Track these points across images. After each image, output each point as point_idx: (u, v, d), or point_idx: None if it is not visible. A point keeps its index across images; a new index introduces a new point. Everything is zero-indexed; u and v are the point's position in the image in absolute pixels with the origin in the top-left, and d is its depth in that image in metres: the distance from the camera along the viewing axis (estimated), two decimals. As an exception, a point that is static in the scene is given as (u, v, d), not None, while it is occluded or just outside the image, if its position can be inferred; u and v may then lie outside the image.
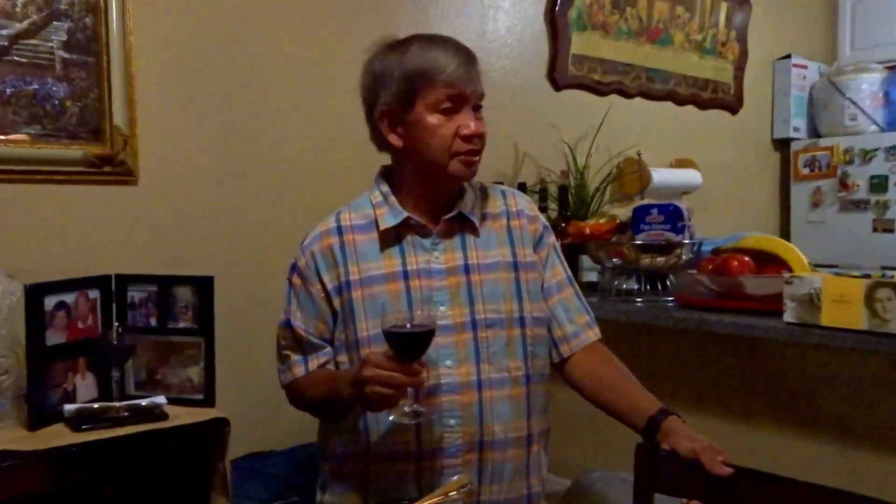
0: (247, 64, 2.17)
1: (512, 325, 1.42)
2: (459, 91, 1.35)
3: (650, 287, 2.24)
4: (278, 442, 2.08)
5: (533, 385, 1.44)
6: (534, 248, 1.49)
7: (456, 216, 1.44)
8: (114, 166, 1.93)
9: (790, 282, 1.74)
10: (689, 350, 2.08)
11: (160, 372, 1.71)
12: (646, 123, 3.21)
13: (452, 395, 1.37)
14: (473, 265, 1.43)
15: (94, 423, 1.52)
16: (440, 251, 1.43)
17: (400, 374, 1.21)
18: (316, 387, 1.44)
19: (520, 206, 1.52)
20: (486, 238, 1.46)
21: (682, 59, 3.36)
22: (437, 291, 1.40)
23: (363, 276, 1.41)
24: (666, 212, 2.13)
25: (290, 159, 2.25)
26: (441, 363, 1.37)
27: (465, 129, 1.36)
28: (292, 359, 1.47)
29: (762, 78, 3.72)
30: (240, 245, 2.15)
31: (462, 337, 1.39)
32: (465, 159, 1.38)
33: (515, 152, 2.84)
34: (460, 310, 1.40)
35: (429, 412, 1.32)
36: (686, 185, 3.18)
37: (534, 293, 1.46)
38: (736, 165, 3.60)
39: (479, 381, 1.39)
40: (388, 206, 1.44)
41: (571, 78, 2.96)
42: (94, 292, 1.67)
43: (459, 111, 1.36)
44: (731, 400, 1.98)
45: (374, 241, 1.43)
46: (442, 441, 1.37)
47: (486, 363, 1.40)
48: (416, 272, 1.41)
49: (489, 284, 1.42)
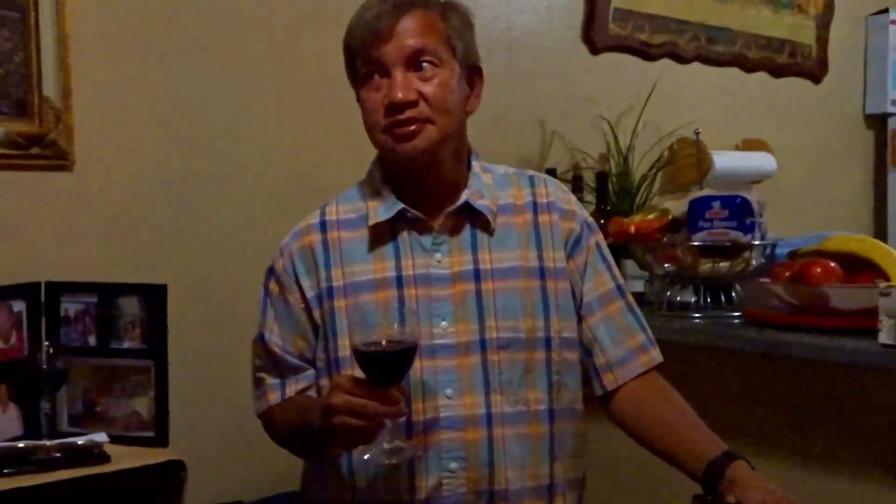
0: (210, 25, 2.19)
1: (534, 346, 1.42)
2: (375, 57, 1.37)
3: (711, 299, 2.24)
4: (248, 491, 2.09)
5: (559, 422, 1.43)
6: (569, 253, 1.48)
7: (463, 208, 1.43)
8: (43, 148, 1.95)
9: (887, 293, 1.73)
10: (758, 378, 2.08)
11: (101, 403, 1.72)
12: (705, 95, 3.21)
13: (453, 433, 1.37)
14: (485, 270, 1.42)
15: (19, 467, 1.52)
16: (443, 252, 1.43)
17: (373, 403, 1.21)
18: (287, 418, 1.45)
19: (551, 196, 1.50)
20: (502, 236, 1.45)
21: (752, 14, 3.35)
22: (437, 303, 1.40)
23: (348, 281, 1.42)
24: (731, 206, 2.13)
25: (262, 143, 2.27)
26: (440, 392, 1.37)
27: (386, 99, 1.37)
28: (267, 383, 1.48)
29: (852, 38, 3.72)
30: (199, 247, 2.16)
31: (467, 360, 1.39)
32: (394, 132, 1.37)
33: (542, 131, 2.84)
34: (466, 326, 1.40)
35: (414, 448, 1.32)
36: (756, 173, 3.18)
37: (564, 307, 1.46)
38: (819, 148, 3.60)
39: (489, 415, 1.38)
40: (381, 197, 1.44)
41: (613, 39, 2.97)
42: (18, 304, 1.68)
43: (388, 77, 1.37)
44: (811, 440, 1.98)
45: (364, 239, 1.44)
46: (440, 490, 1.37)
47: (499, 393, 1.39)
48: (413, 278, 1.41)
49: (505, 295, 1.42)
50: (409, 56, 1.37)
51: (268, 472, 2.01)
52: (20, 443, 1.58)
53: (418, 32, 1.37)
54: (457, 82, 1.41)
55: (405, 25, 1.37)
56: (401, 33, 1.37)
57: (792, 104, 3.52)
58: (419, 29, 1.37)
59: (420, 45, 1.37)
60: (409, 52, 1.37)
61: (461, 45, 1.42)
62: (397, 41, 1.36)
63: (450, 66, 1.40)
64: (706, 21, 3.21)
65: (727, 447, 1.35)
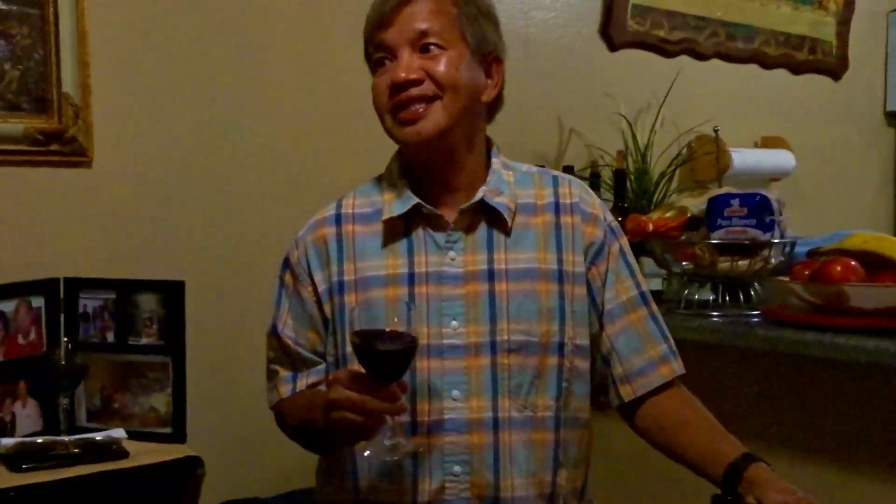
0: (229, 22, 2.19)
1: (546, 351, 1.40)
2: (381, 40, 1.37)
3: (730, 298, 2.23)
4: (264, 488, 2.10)
5: (565, 430, 1.42)
6: (591, 260, 1.46)
7: (479, 205, 1.41)
8: (63, 144, 1.95)
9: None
10: (778, 378, 2.07)
11: (118, 399, 1.73)
12: (724, 92, 3.19)
13: (458, 435, 1.36)
14: (500, 270, 1.40)
15: (38, 463, 1.53)
16: (457, 250, 1.41)
17: (372, 399, 1.20)
18: (295, 412, 1.45)
19: (575, 198, 1.47)
20: (519, 236, 1.43)
21: (772, 10, 3.34)
22: (448, 302, 1.39)
23: (359, 276, 1.41)
24: (750, 203, 2.11)
25: (280, 141, 2.27)
26: (446, 394, 1.36)
27: (389, 80, 1.36)
28: (280, 375, 1.48)
29: (873, 34, 3.70)
30: (216, 243, 2.17)
31: (476, 362, 1.37)
32: (398, 116, 1.37)
33: (559, 128, 2.84)
34: (477, 327, 1.38)
35: (415, 445, 1.32)
36: (776, 171, 3.17)
37: (579, 314, 1.44)
38: (839, 145, 3.58)
39: (496, 419, 1.37)
40: (397, 191, 1.43)
41: (631, 35, 2.96)
42: (38, 300, 1.69)
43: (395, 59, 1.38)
44: (832, 441, 1.97)
45: (378, 233, 1.43)
46: (444, 493, 1.36)
47: (507, 397, 1.37)
48: (425, 276, 1.40)
49: (518, 297, 1.40)
50: (413, 38, 1.36)
51: (284, 469, 2.01)
52: (39, 438, 1.59)
53: (425, 16, 1.37)
54: (466, 64, 1.38)
55: (412, 9, 1.36)
56: (406, 16, 1.36)
57: (812, 101, 3.50)
58: (426, 13, 1.37)
59: (425, 27, 1.36)
60: (413, 34, 1.36)
61: (472, 31, 1.40)
62: (402, 23, 1.36)
63: (458, 49, 1.38)
64: (725, 17, 3.20)
65: (746, 449, 1.34)
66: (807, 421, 2.01)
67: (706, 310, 2.20)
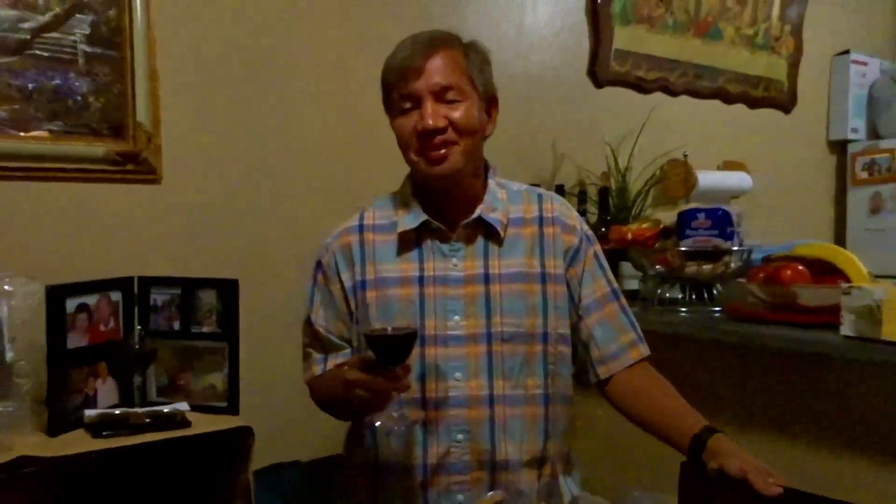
0: (272, 61, 2.20)
1: (533, 340, 1.43)
2: (409, 91, 1.38)
3: (696, 296, 2.23)
4: (303, 453, 2.11)
5: (553, 406, 1.44)
6: (569, 262, 1.48)
7: (477, 220, 1.44)
8: (137, 164, 1.97)
9: (848, 292, 1.72)
10: (737, 365, 2.06)
11: (182, 378, 1.74)
12: (692, 123, 3.19)
13: (460, 409, 1.39)
14: (494, 274, 1.43)
15: (115, 430, 1.54)
16: (459, 258, 1.44)
17: (380, 379, 1.22)
18: (323, 387, 1.48)
19: (556, 212, 1.50)
20: (510, 245, 1.45)
21: (733, 54, 3.33)
22: (452, 300, 1.41)
23: (378, 277, 1.44)
24: (714, 217, 2.11)
25: (317, 158, 2.28)
26: (450, 376, 1.39)
27: (418, 125, 1.37)
28: (313, 357, 1.51)
29: (818, 75, 3.68)
30: (265, 247, 2.18)
31: (475, 349, 1.40)
32: (426, 155, 1.38)
33: (553, 153, 2.84)
34: (475, 321, 1.41)
35: (417, 416, 1.36)
36: (735, 189, 3.16)
37: (561, 308, 1.46)
38: (789, 168, 3.57)
39: (491, 396, 1.40)
40: (410, 208, 1.45)
41: (613, 74, 2.96)
42: (116, 294, 1.70)
43: (419, 107, 1.38)
44: (782, 419, 1.96)
45: (394, 242, 1.45)
46: (448, 456, 1.39)
47: (501, 378, 1.40)
48: (433, 279, 1.42)
49: (509, 296, 1.42)
50: (437, 90, 1.37)
51: (319, 437, 2.02)
52: (116, 410, 1.60)
53: (445, 70, 1.38)
54: (477, 111, 1.41)
55: (434, 64, 1.37)
56: (430, 71, 1.37)
57: (766, 131, 3.49)
58: (446, 67, 1.38)
59: (447, 81, 1.38)
60: (437, 87, 1.37)
61: (481, 79, 1.42)
62: (427, 78, 1.37)
63: (472, 98, 1.40)
64: (693, 60, 3.20)
65: (709, 423, 1.34)
66: (760, 400, 2.01)
67: (676, 306, 2.20)
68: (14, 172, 1.82)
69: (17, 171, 1.83)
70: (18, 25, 1.82)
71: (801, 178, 3.65)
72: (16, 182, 1.83)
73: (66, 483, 1.45)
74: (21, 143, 1.82)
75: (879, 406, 1.81)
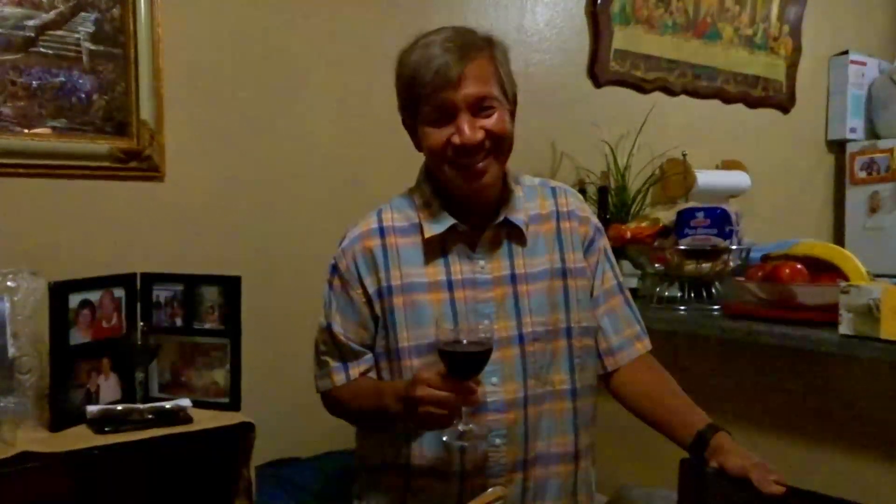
0: (277, 58, 2.19)
1: (557, 336, 1.40)
2: (442, 102, 1.31)
3: (694, 295, 2.22)
4: (304, 449, 2.09)
5: (580, 399, 1.42)
6: (584, 253, 1.47)
7: (501, 223, 1.41)
8: (140, 161, 1.96)
9: (847, 291, 1.71)
10: (735, 362, 2.06)
11: (185, 374, 1.73)
12: (691, 123, 3.18)
13: (498, 415, 1.36)
14: (520, 275, 1.40)
15: (118, 426, 1.53)
16: (486, 260, 1.40)
17: (454, 395, 1.19)
18: (360, 399, 1.42)
19: (571, 206, 1.49)
20: (533, 244, 1.43)
21: (731, 54, 3.32)
22: (482, 303, 1.38)
23: (405, 282, 1.39)
24: (713, 216, 2.11)
25: (321, 156, 2.27)
26: (486, 381, 1.33)
27: (454, 139, 1.32)
28: (331, 365, 1.45)
29: (817, 75, 3.68)
30: (267, 244, 2.17)
31: (509, 353, 1.37)
32: (464, 170, 1.34)
33: (553, 152, 2.83)
34: (506, 323, 1.38)
35: (482, 432, 1.31)
36: (734, 189, 3.15)
37: (583, 301, 1.44)
38: (787, 168, 3.56)
39: (526, 397, 1.37)
40: (433, 211, 1.41)
41: (613, 74, 2.95)
42: (119, 291, 1.69)
43: (455, 118, 1.32)
44: (781, 416, 1.96)
45: (418, 245, 1.40)
46: (486, 461, 1.36)
47: (532, 379, 1.38)
48: (461, 283, 1.39)
49: (536, 295, 1.40)
50: (473, 102, 1.32)
51: (320, 434, 2.01)
52: (119, 406, 1.60)
53: (480, 80, 1.32)
54: (509, 118, 1.38)
55: (470, 74, 1.31)
56: (466, 81, 1.31)
57: (765, 131, 3.48)
58: (481, 77, 1.32)
59: (483, 92, 1.33)
60: (473, 99, 1.32)
61: (509, 82, 1.38)
62: (464, 89, 1.31)
63: (504, 105, 1.36)
64: (692, 60, 3.19)
65: (710, 420, 1.34)
66: (759, 398, 2.00)
67: (675, 304, 2.19)
68: (18, 169, 1.81)
69: (20, 168, 1.82)
70: (23, 23, 1.81)
71: (799, 177, 3.65)
72: (19, 179, 1.82)
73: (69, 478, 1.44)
74: (25, 140, 1.81)
75: (878, 403, 1.81)
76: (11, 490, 1.36)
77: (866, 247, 3.46)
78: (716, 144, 3.27)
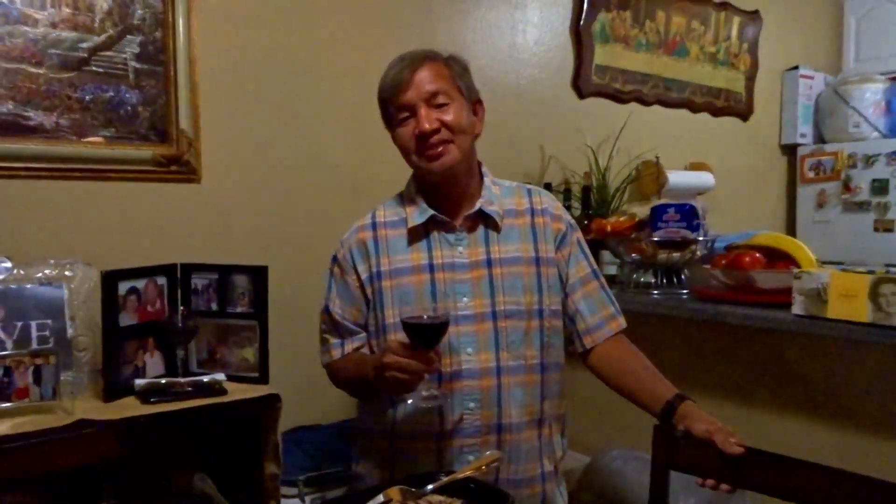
0: (299, 73, 2.18)
1: (531, 316, 1.41)
2: (403, 102, 1.37)
3: (666, 280, 2.22)
4: (322, 417, 2.10)
5: (547, 374, 1.43)
6: (556, 247, 1.47)
7: (478, 212, 1.42)
8: (179, 166, 1.95)
9: (799, 277, 1.71)
10: (702, 339, 2.06)
11: (220, 351, 1.72)
12: (663, 129, 3.17)
13: (472, 381, 1.37)
14: (495, 259, 1.41)
15: (162, 397, 1.53)
16: (464, 246, 1.42)
17: (415, 362, 1.21)
18: (348, 369, 1.45)
19: (545, 204, 1.49)
20: (507, 233, 1.43)
21: (697, 69, 3.31)
22: (460, 284, 1.39)
23: (392, 267, 1.41)
24: (682, 211, 2.10)
25: (337, 161, 2.26)
26: (462, 350, 1.36)
27: (415, 129, 1.36)
28: (331, 342, 1.49)
29: (771, 87, 3.66)
30: (291, 238, 2.16)
31: (483, 326, 1.38)
32: (426, 154, 1.37)
33: (542, 155, 2.82)
34: (481, 301, 1.39)
35: (444, 396, 1.32)
36: (700, 187, 3.15)
37: (553, 287, 1.44)
38: (747, 169, 3.55)
39: (499, 367, 1.38)
40: (416, 205, 1.43)
41: (594, 86, 2.94)
42: (161, 279, 1.69)
43: (416, 114, 1.36)
44: (741, 386, 1.96)
45: (404, 236, 1.43)
46: (461, 423, 1.37)
47: (505, 351, 1.38)
48: (442, 266, 1.40)
49: (509, 277, 1.40)
50: (427, 97, 1.36)
51: (336, 404, 2.02)
52: (163, 379, 1.59)
53: (432, 79, 1.37)
54: (465, 112, 1.39)
55: (422, 75, 1.36)
56: (419, 81, 1.36)
57: (727, 136, 3.47)
58: (432, 76, 1.37)
59: (435, 88, 1.36)
60: (427, 94, 1.36)
61: (464, 84, 1.41)
62: (417, 87, 1.36)
63: (458, 101, 1.39)
64: (663, 74, 3.18)
65: (679, 391, 1.33)
66: (722, 370, 2.00)
67: (649, 289, 2.19)
68: (73, 173, 1.82)
69: (75, 172, 1.82)
70: (78, 45, 1.80)
71: (757, 177, 3.64)
72: (75, 181, 1.82)
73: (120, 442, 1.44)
74: (79, 148, 1.82)
75: (825, 374, 1.81)
76: (71, 452, 1.37)
77: (815, 238, 3.46)
78: (684, 148, 3.26)
